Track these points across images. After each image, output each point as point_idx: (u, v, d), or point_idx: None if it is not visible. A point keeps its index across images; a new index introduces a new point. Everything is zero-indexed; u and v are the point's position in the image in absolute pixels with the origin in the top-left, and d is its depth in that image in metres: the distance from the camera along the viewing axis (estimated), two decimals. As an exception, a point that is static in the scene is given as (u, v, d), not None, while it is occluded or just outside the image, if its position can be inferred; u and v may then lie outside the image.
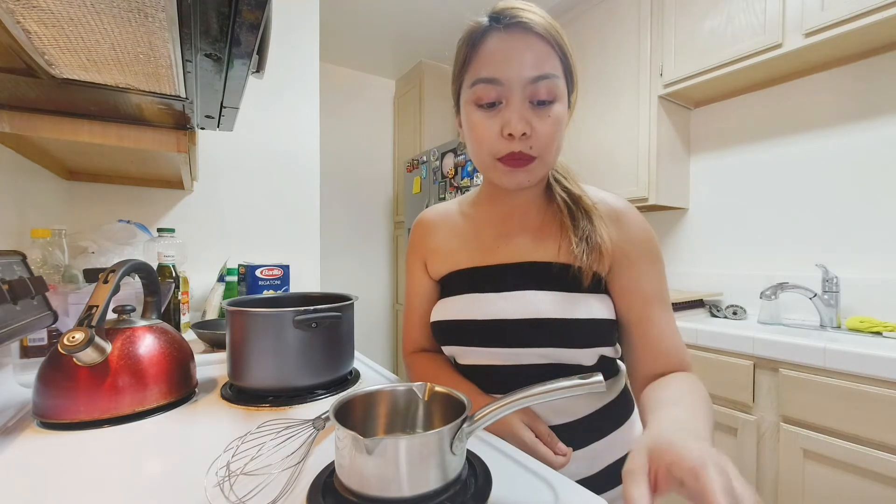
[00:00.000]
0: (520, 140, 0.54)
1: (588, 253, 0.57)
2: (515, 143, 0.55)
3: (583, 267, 0.57)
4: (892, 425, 1.00)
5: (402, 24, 2.49)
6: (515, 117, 0.53)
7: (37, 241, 0.90)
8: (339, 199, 3.01)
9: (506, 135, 0.54)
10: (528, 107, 0.54)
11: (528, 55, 0.53)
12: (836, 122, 1.52)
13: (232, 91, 0.63)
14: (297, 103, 1.70)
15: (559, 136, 0.56)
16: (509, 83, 0.54)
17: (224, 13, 0.42)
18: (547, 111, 0.54)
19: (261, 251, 1.61)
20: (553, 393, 0.37)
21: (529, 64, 0.53)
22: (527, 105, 0.54)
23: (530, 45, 0.54)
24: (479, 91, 0.56)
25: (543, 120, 0.54)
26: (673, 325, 0.60)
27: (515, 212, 0.65)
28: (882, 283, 1.41)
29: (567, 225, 0.60)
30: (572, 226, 0.60)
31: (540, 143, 0.55)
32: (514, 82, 0.54)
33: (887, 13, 1.20)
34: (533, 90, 0.54)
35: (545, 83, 0.53)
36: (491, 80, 0.54)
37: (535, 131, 0.54)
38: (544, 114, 0.54)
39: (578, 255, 0.57)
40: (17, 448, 0.50)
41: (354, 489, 0.36)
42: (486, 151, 0.57)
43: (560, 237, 0.61)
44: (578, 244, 0.58)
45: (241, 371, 0.66)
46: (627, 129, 1.89)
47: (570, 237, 0.59)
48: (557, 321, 0.56)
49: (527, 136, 0.54)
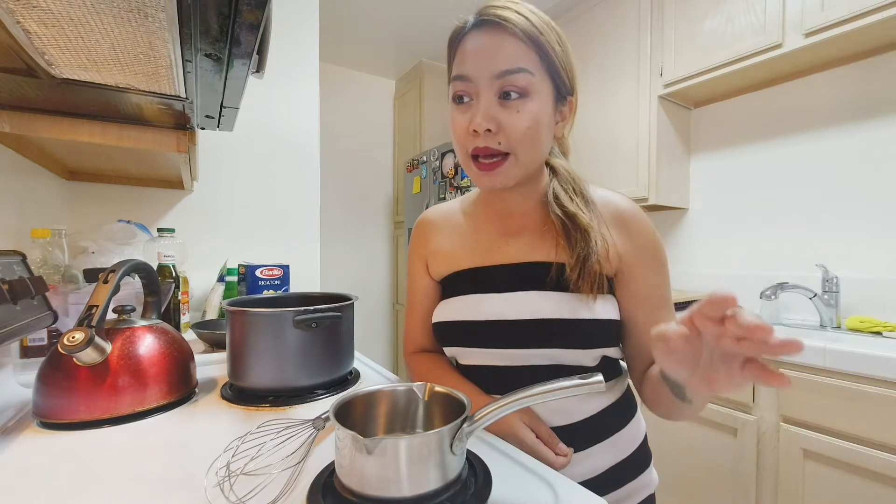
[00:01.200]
0: (486, 136, 0.54)
1: (585, 276, 0.56)
2: (481, 139, 0.54)
3: (580, 283, 0.56)
4: (892, 425, 1.00)
5: (402, 24, 2.49)
6: (480, 113, 0.53)
7: (37, 241, 0.90)
8: (339, 199, 3.01)
9: (471, 131, 0.54)
10: (496, 102, 0.54)
11: (496, 51, 0.53)
12: (835, 122, 1.52)
13: (232, 91, 0.63)
14: (297, 103, 1.70)
15: (537, 133, 0.55)
16: (476, 79, 0.54)
17: (224, 13, 0.42)
18: (517, 105, 0.53)
19: (261, 251, 1.61)
20: (553, 393, 0.37)
21: (498, 59, 0.53)
22: (494, 101, 0.54)
23: (501, 41, 0.53)
24: (454, 86, 0.57)
25: (512, 115, 0.53)
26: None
27: (514, 212, 0.64)
28: (882, 283, 1.41)
29: (563, 245, 0.59)
30: (567, 245, 0.58)
31: (510, 139, 0.54)
32: (481, 78, 0.54)
33: (887, 13, 1.20)
34: (500, 84, 0.53)
35: (514, 77, 0.53)
36: (461, 77, 0.55)
37: (504, 126, 0.54)
38: (513, 108, 0.54)
39: (573, 280, 0.56)
40: (17, 448, 0.50)
41: (354, 489, 0.36)
42: (461, 149, 0.58)
43: (559, 238, 0.60)
44: (574, 268, 0.56)
45: (241, 371, 0.66)
46: (627, 129, 1.89)
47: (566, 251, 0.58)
48: (560, 322, 0.56)
49: (493, 133, 0.54)
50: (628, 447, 0.61)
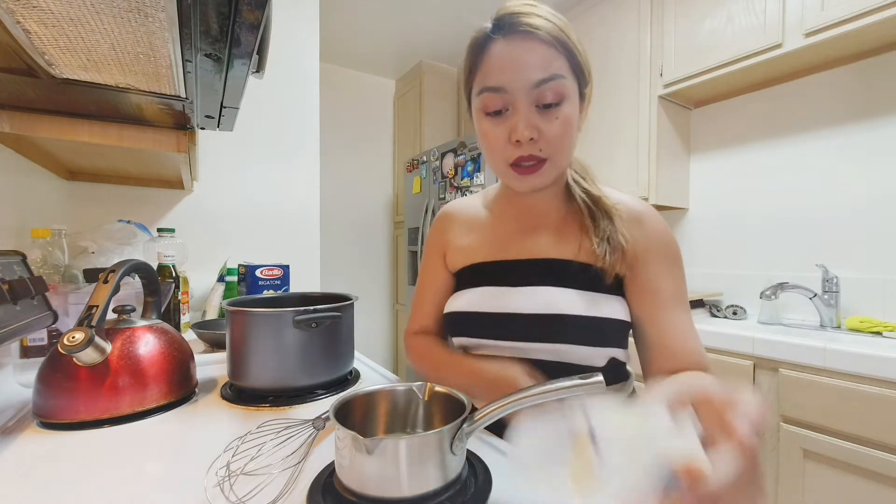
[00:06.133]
0: (528, 144, 0.55)
1: (610, 253, 0.57)
2: (524, 148, 0.55)
3: (605, 267, 0.57)
4: (892, 425, 1.00)
5: (402, 24, 2.49)
6: (522, 124, 0.54)
7: (37, 241, 0.90)
8: (339, 199, 3.01)
9: (513, 141, 0.55)
10: (535, 111, 0.55)
11: (530, 60, 0.53)
12: (836, 122, 1.52)
13: (232, 91, 0.63)
14: (297, 103, 1.70)
15: (570, 135, 0.57)
16: (513, 91, 0.54)
17: (224, 13, 0.42)
18: (554, 113, 0.55)
19: (261, 251, 1.61)
20: (553, 393, 0.37)
21: (533, 69, 0.53)
22: (533, 110, 0.55)
23: (532, 49, 0.53)
24: (486, 100, 0.56)
25: (551, 122, 0.55)
26: (690, 326, 0.59)
27: (534, 209, 0.65)
28: (882, 283, 1.41)
29: (587, 225, 0.61)
30: (593, 226, 0.60)
31: (550, 146, 0.55)
32: (519, 89, 0.54)
33: (887, 13, 1.19)
34: (538, 94, 0.54)
35: (550, 85, 0.54)
36: (496, 89, 0.55)
37: (544, 134, 0.55)
38: (552, 116, 0.55)
39: (601, 254, 0.57)
40: (17, 448, 0.50)
41: (354, 489, 0.36)
42: (498, 158, 0.58)
43: (581, 236, 0.61)
44: (600, 244, 0.58)
45: (241, 371, 0.66)
46: (627, 129, 1.88)
47: (590, 237, 0.60)
48: (574, 317, 0.57)
49: (535, 141, 0.55)
50: None
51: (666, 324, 0.58)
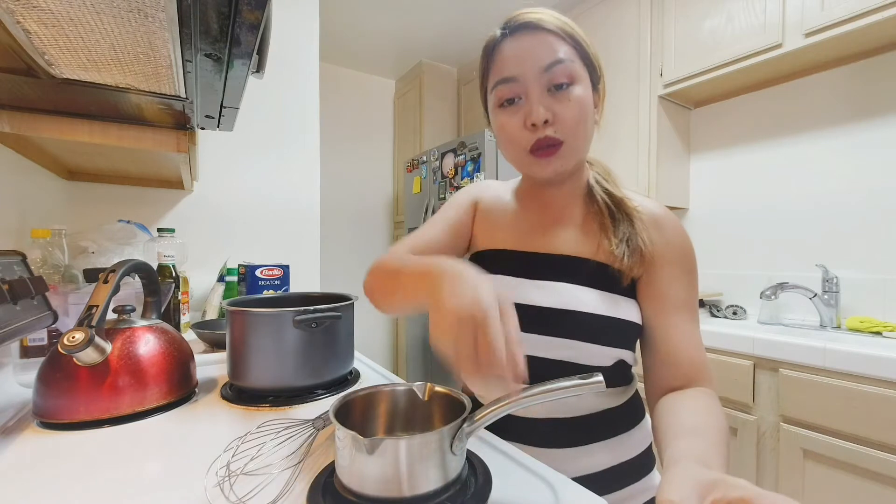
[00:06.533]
0: (543, 127, 0.56)
1: (629, 255, 0.58)
2: (540, 131, 0.56)
3: (622, 268, 0.58)
4: (892, 425, 1.00)
5: (402, 25, 2.49)
6: (535, 105, 0.55)
7: (37, 241, 0.90)
8: (339, 199, 3.01)
9: (529, 125, 0.56)
10: (547, 94, 0.56)
11: (538, 48, 0.56)
12: (836, 122, 1.52)
13: (232, 91, 0.63)
14: (297, 103, 1.70)
15: (585, 119, 0.57)
16: (524, 79, 0.56)
17: (224, 13, 0.42)
18: (567, 94, 0.56)
19: (261, 251, 1.61)
20: (553, 392, 0.37)
21: (542, 55, 0.55)
22: (545, 93, 0.56)
23: (539, 38, 0.56)
24: (499, 92, 0.59)
25: (564, 104, 0.56)
26: (697, 336, 0.59)
27: (556, 204, 0.66)
28: (882, 283, 1.41)
29: (607, 226, 0.61)
30: (613, 227, 0.60)
31: (565, 127, 0.56)
32: (529, 75, 0.56)
33: (887, 13, 1.20)
34: (549, 77, 0.55)
35: (559, 67, 0.55)
36: (507, 80, 0.57)
37: (558, 116, 0.56)
38: (564, 97, 0.56)
39: (619, 256, 0.58)
40: (17, 448, 0.50)
41: (354, 489, 0.36)
42: (516, 147, 0.59)
43: (600, 236, 0.61)
44: (619, 245, 0.58)
45: (241, 371, 0.66)
46: (627, 129, 1.89)
47: (609, 238, 0.60)
48: (588, 315, 0.57)
49: (550, 123, 0.56)
50: (630, 451, 0.61)
51: (672, 329, 0.58)
